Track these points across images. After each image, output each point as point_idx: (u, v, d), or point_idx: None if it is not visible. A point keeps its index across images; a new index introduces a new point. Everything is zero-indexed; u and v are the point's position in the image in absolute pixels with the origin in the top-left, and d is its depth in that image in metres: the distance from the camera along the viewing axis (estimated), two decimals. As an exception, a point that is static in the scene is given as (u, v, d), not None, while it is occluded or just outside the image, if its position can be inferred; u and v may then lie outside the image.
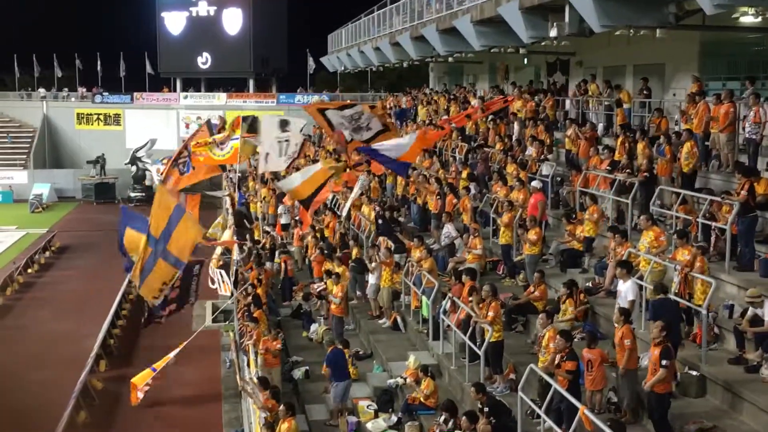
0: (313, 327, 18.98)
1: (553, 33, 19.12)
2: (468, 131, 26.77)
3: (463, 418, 11.02)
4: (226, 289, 17.61)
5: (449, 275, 17.30)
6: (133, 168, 51.28)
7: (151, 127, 55.38)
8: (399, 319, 17.47)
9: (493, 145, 24.04)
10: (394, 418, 13.62)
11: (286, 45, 67.78)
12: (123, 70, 62.88)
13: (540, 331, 12.66)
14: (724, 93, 16.42)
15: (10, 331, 24.29)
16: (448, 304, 14.69)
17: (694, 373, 11.44)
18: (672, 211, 14.79)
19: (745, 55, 19.68)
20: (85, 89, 61.72)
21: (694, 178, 16.17)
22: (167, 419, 17.65)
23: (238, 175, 22.33)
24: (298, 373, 16.72)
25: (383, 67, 43.19)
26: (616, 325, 11.32)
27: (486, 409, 11.08)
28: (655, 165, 16.72)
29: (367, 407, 14.21)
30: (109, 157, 52.28)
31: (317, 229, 22.90)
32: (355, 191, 19.33)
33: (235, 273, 20.04)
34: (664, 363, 10.21)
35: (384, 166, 14.70)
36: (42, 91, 60.75)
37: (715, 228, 13.81)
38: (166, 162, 45.88)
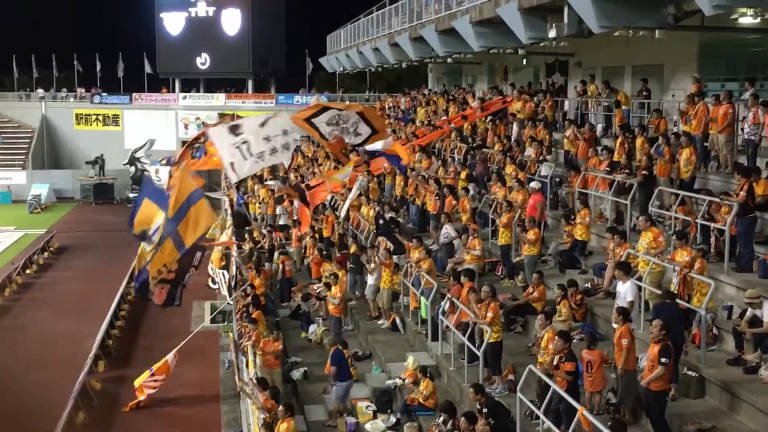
0: (311, 328, 18.96)
1: (552, 34, 19.13)
2: (464, 132, 26.75)
3: (462, 418, 11.02)
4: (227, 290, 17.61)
5: (448, 276, 17.31)
6: (132, 168, 51.24)
7: (149, 128, 55.35)
8: (398, 320, 17.44)
9: (492, 145, 24.04)
10: (393, 419, 13.61)
11: (285, 45, 67.85)
12: (121, 70, 62.90)
13: (539, 332, 12.67)
14: (723, 94, 16.40)
15: (8, 331, 24.23)
16: (447, 304, 14.69)
17: (693, 374, 11.44)
18: (671, 212, 14.79)
19: (743, 56, 19.69)
20: (83, 90, 61.72)
21: (693, 179, 16.18)
22: (166, 420, 17.62)
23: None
24: (296, 374, 16.70)
25: (382, 68, 43.13)
26: (615, 326, 11.33)
27: (485, 409, 11.07)
28: (654, 166, 16.71)
29: (366, 408, 14.21)
30: (107, 158, 52.24)
31: (316, 229, 22.87)
32: (353, 192, 19.32)
33: (235, 273, 20.07)
34: (663, 361, 10.22)
35: (379, 158, 14.68)
36: (41, 91, 60.74)
37: (714, 229, 13.81)
38: (164, 162, 45.96)
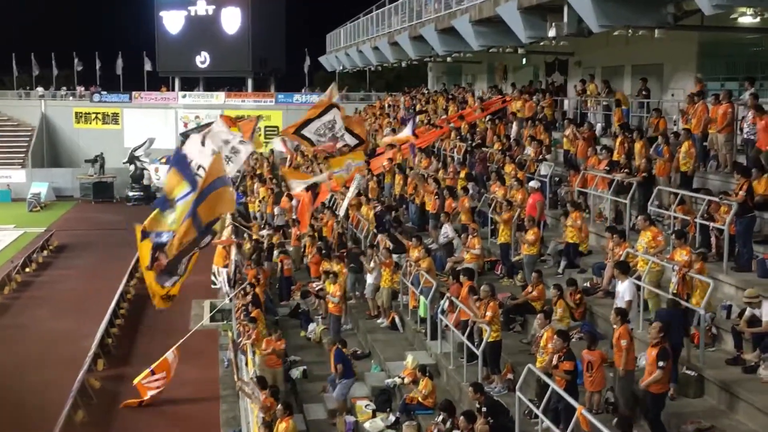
0: (310, 326, 18.95)
1: (551, 33, 19.11)
2: (462, 132, 26.74)
3: (461, 417, 11.01)
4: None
5: (447, 275, 17.32)
6: (132, 167, 51.16)
7: (149, 126, 55.38)
8: (397, 319, 17.44)
9: (491, 144, 24.03)
10: (392, 418, 13.61)
11: (285, 44, 67.82)
12: (120, 67, 62.82)
13: (538, 332, 12.66)
14: (722, 93, 16.40)
15: (8, 330, 24.22)
16: (446, 303, 14.70)
17: (692, 373, 11.44)
18: (670, 212, 14.80)
19: (743, 56, 19.68)
20: (83, 88, 61.70)
21: (692, 179, 16.18)
22: (165, 418, 17.63)
23: (237, 174, 22.28)
24: (296, 373, 16.69)
25: (382, 67, 43.12)
26: (614, 326, 11.33)
27: (484, 409, 11.06)
28: (654, 165, 16.71)
29: (365, 407, 14.19)
30: (107, 156, 52.17)
31: (315, 228, 22.86)
32: (351, 190, 19.33)
33: (234, 272, 20.08)
34: (661, 364, 10.21)
35: (379, 157, 14.76)
36: (40, 89, 60.72)
37: (714, 228, 13.81)
38: (164, 160, 45.98)
